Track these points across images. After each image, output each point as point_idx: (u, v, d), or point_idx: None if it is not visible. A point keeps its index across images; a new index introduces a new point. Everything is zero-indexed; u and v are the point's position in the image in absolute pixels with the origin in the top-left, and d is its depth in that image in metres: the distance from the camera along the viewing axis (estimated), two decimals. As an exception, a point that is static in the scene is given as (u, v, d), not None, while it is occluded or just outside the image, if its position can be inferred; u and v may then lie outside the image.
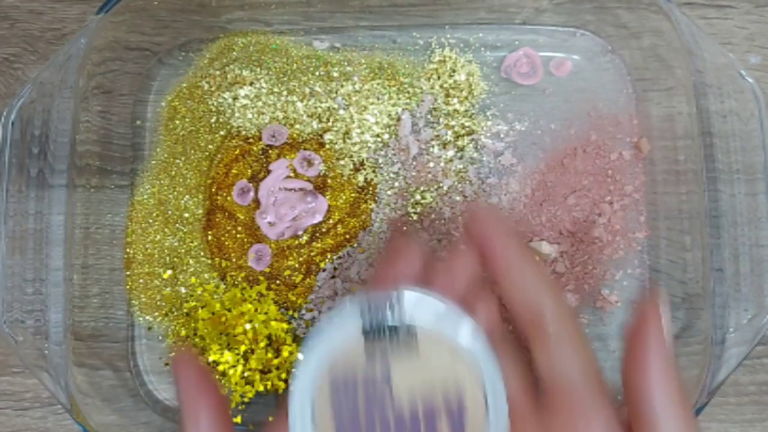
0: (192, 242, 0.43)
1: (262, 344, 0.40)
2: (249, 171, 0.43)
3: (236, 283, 0.42)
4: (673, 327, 0.41)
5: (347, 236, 0.42)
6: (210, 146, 0.44)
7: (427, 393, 0.25)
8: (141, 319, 0.43)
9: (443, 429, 0.25)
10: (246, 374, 0.40)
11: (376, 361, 0.25)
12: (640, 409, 0.25)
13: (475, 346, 0.25)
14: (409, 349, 0.25)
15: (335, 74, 0.44)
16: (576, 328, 0.27)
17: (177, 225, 0.43)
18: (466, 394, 0.25)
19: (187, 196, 0.43)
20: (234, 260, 0.42)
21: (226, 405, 0.27)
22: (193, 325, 0.41)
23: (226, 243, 0.42)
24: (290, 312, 0.42)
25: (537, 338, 0.27)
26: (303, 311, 0.42)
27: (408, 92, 0.43)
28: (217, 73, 0.44)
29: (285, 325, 0.40)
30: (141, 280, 0.43)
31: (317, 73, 0.44)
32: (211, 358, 0.39)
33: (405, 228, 0.38)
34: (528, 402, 0.27)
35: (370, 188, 0.43)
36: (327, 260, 0.42)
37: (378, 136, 0.43)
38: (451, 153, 0.43)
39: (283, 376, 0.40)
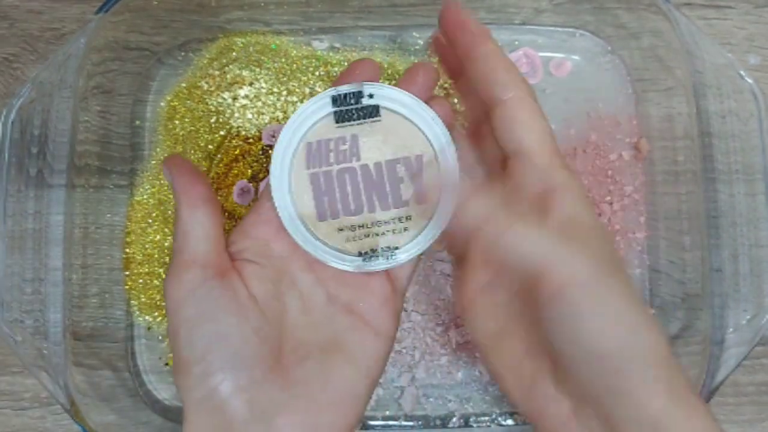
0: (191, 242, 0.43)
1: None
2: (249, 171, 0.43)
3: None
4: (673, 327, 0.41)
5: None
6: (210, 146, 0.44)
7: (390, 158, 0.29)
8: (140, 319, 0.43)
9: (401, 173, 0.29)
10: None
11: (345, 135, 0.29)
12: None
13: (432, 125, 0.29)
14: (374, 126, 0.29)
15: (335, 74, 0.44)
16: (532, 103, 0.29)
17: (176, 225, 0.43)
18: (424, 158, 0.29)
19: (186, 196, 0.43)
20: (233, 260, 0.42)
21: (215, 198, 0.30)
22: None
23: (226, 243, 0.42)
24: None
25: (497, 109, 0.29)
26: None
27: (407, 92, 0.44)
28: (217, 73, 0.44)
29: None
30: (140, 280, 0.43)
31: (317, 73, 0.44)
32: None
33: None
34: (490, 173, 0.31)
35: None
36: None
37: (377, 136, 0.43)
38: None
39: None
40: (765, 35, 0.45)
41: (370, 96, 0.29)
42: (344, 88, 0.29)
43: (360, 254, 0.29)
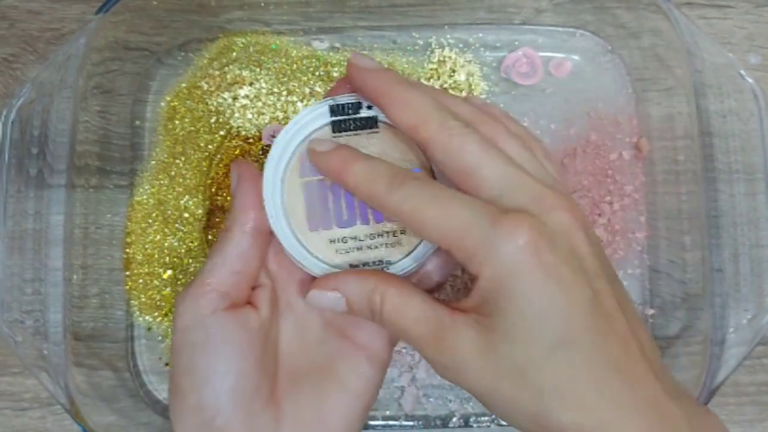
0: (192, 242, 0.43)
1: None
2: (248, 171, 0.43)
3: (236, 283, 0.42)
4: (673, 327, 0.41)
5: (347, 236, 0.42)
6: (210, 146, 0.44)
7: None
8: (140, 319, 0.43)
9: None
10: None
11: (342, 143, 0.28)
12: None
13: None
14: (371, 137, 0.28)
15: (335, 74, 0.44)
16: (451, 131, 0.26)
17: (177, 225, 0.43)
18: (420, 171, 0.28)
19: (186, 197, 0.43)
20: (233, 260, 0.42)
21: (268, 230, 0.28)
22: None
23: (226, 243, 0.42)
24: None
25: (428, 148, 0.26)
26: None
27: (408, 92, 0.43)
28: (217, 73, 0.44)
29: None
30: (140, 281, 0.43)
31: (317, 74, 0.44)
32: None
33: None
34: None
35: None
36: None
37: (378, 136, 0.43)
38: (450, 153, 0.43)
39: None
40: (765, 35, 0.45)
41: (369, 107, 0.28)
42: (343, 99, 0.28)
43: (350, 267, 0.28)
